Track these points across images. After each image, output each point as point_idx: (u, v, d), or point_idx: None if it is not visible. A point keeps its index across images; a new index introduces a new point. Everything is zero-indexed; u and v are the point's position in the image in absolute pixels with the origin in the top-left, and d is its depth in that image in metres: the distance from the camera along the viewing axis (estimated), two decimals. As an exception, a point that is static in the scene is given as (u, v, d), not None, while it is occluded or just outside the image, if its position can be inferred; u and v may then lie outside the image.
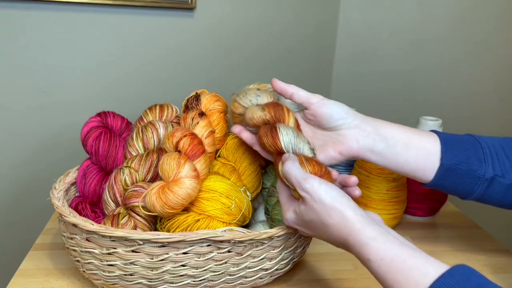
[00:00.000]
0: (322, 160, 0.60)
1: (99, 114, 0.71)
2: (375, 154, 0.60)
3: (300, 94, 0.62)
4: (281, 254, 0.59)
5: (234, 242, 0.55)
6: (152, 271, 0.54)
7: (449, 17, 1.14)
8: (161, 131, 0.68)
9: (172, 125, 0.70)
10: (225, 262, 0.56)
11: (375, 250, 0.47)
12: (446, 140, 0.61)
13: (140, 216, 0.59)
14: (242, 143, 0.71)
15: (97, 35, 1.01)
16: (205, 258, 0.55)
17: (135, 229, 0.58)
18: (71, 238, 0.56)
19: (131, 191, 0.60)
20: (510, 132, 1.12)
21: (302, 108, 0.64)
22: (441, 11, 1.14)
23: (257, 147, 0.64)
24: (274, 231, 0.56)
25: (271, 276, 0.61)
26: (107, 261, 0.54)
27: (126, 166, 0.64)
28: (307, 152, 0.57)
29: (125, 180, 0.62)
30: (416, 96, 1.20)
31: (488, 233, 0.82)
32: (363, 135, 0.60)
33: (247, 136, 0.65)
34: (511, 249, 0.77)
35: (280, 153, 0.58)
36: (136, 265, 0.54)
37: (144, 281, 0.55)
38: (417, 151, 0.60)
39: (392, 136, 0.60)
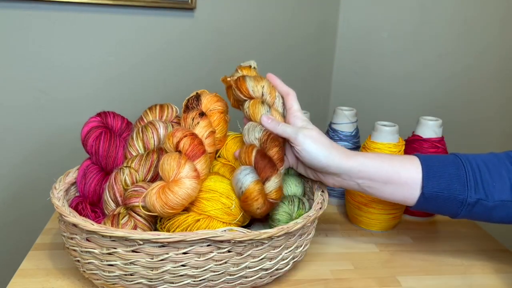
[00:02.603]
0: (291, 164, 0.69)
1: (99, 114, 0.71)
2: (347, 190, 0.69)
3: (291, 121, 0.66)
4: (281, 254, 0.59)
5: (234, 242, 0.55)
6: (152, 271, 0.54)
7: (449, 17, 1.14)
8: (161, 131, 0.68)
9: (172, 125, 0.70)
10: (225, 262, 0.56)
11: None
12: (429, 167, 0.62)
13: (140, 216, 0.59)
14: (243, 143, 0.71)
15: (97, 35, 1.01)
16: (205, 258, 0.55)
17: (135, 229, 0.58)
18: (71, 238, 0.56)
19: (131, 191, 0.60)
20: (510, 132, 1.12)
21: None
22: (441, 12, 1.14)
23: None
24: (274, 231, 0.56)
25: (271, 276, 0.61)
26: (107, 261, 0.54)
27: (126, 166, 0.64)
28: None
29: (125, 180, 0.62)
30: (416, 96, 1.20)
31: (488, 233, 0.82)
32: (339, 180, 0.64)
33: None
34: (511, 249, 0.77)
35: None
36: (136, 265, 0.54)
37: (144, 281, 0.55)
38: (395, 187, 0.62)
39: (370, 178, 0.62)
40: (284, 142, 0.66)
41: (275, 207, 0.65)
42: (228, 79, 0.72)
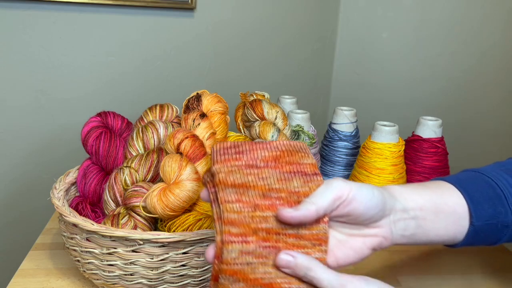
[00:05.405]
0: (351, 259, 0.50)
1: (99, 114, 0.71)
2: (406, 237, 0.52)
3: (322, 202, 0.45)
4: (281, 254, 0.59)
5: (234, 242, 0.55)
6: (152, 271, 0.54)
7: (449, 17, 1.14)
8: (161, 131, 0.68)
9: (172, 125, 0.70)
10: (225, 262, 0.56)
11: None
12: (471, 196, 0.54)
13: (140, 216, 0.59)
14: None
15: (97, 35, 1.01)
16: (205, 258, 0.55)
17: (135, 229, 0.58)
18: (72, 238, 0.56)
19: (131, 191, 0.60)
20: (510, 132, 1.12)
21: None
22: (441, 11, 1.14)
23: None
24: (274, 231, 0.56)
25: (271, 276, 0.61)
26: (107, 261, 0.54)
27: (126, 166, 0.64)
28: None
29: (125, 180, 0.62)
30: (416, 96, 1.20)
31: (488, 233, 0.82)
32: (395, 219, 0.50)
33: None
34: (511, 249, 0.77)
35: None
36: (136, 265, 0.54)
37: (144, 281, 0.55)
38: (446, 218, 0.53)
39: (420, 207, 0.52)
40: None
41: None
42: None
